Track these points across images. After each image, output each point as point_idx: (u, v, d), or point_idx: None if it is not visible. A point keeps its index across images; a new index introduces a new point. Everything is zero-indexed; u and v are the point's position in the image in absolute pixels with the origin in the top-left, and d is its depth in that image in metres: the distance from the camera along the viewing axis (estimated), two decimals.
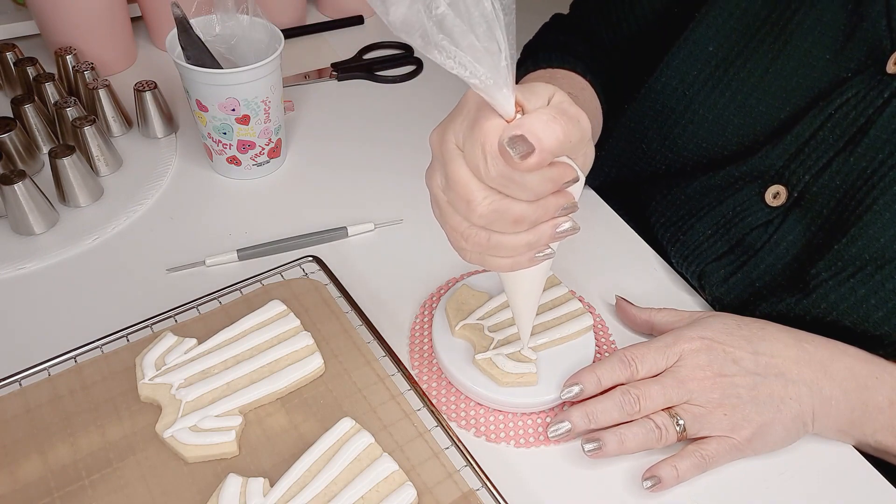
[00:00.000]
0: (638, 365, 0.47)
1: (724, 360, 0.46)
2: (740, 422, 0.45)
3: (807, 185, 0.51)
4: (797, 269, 0.52)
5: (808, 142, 0.51)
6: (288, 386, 0.46)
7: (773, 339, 0.48)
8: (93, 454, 0.43)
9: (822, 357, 0.47)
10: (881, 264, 0.46)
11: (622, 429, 0.45)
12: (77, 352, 0.48)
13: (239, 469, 0.42)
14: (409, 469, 0.43)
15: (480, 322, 0.51)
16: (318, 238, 0.61)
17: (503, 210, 0.36)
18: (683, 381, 0.46)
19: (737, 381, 0.46)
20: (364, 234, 0.62)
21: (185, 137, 0.72)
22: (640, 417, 0.45)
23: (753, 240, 0.54)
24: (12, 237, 0.60)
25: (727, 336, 0.47)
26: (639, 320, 0.54)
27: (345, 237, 0.62)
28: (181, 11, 0.60)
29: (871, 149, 0.48)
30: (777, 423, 0.45)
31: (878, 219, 0.47)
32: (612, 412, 0.45)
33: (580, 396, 0.47)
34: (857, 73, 0.49)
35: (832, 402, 0.46)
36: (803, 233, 0.52)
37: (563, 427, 0.46)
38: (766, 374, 0.46)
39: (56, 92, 0.70)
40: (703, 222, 0.57)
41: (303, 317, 0.50)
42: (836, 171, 0.50)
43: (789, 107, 0.53)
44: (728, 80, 0.55)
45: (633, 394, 0.45)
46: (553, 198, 0.37)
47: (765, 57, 0.53)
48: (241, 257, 0.59)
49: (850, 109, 0.49)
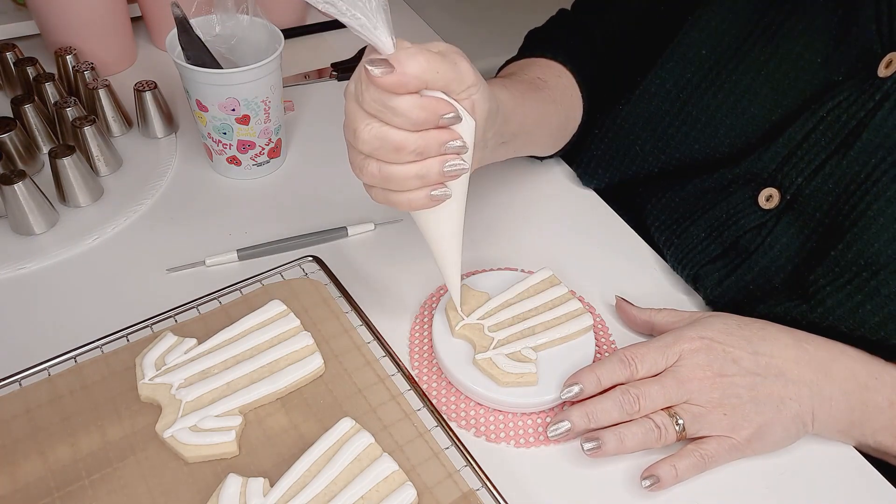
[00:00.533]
0: (637, 365, 0.47)
1: (724, 359, 0.46)
2: (740, 421, 0.45)
3: (799, 187, 0.51)
4: (791, 273, 0.52)
5: (800, 145, 0.51)
6: (288, 386, 0.46)
7: (773, 340, 0.48)
8: (93, 454, 0.43)
9: (823, 357, 0.47)
10: (876, 270, 0.46)
11: (621, 428, 0.45)
12: (77, 352, 0.48)
13: (239, 469, 0.42)
14: (409, 469, 0.43)
15: (480, 322, 0.51)
16: (318, 238, 0.61)
17: (383, 136, 0.40)
18: (683, 380, 0.46)
19: (736, 380, 0.46)
20: (364, 233, 0.62)
21: (185, 137, 0.72)
22: (640, 417, 0.46)
23: (747, 242, 0.54)
24: (12, 237, 0.60)
25: (727, 336, 0.47)
26: (639, 320, 0.54)
27: (345, 237, 0.62)
28: (181, 11, 0.60)
29: (863, 152, 0.48)
30: (776, 423, 0.45)
31: (872, 224, 0.47)
32: (611, 412, 0.45)
33: (580, 396, 0.47)
34: (849, 76, 0.50)
35: (832, 403, 0.46)
36: (797, 236, 0.52)
37: (562, 426, 0.46)
38: (765, 375, 0.46)
39: (56, 92, 0.70)
40: (697, 225, 0.57)
41: (303, 317, 0.50)
42: (828, 174, 0.50)
43: (781, 109, 0.53)
44: (720, 82, 0.55)
45: (632, 393, 0.46)
46: (436, 132, 0.40)
47: (756, 60, 0.54)
48: (241, 257, 0.59)
49: (841, 113, 0.49)
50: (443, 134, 0.41)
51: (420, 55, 0.38)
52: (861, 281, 0.47)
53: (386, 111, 0.39)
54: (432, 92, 0.40)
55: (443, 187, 0.42)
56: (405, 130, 0.40)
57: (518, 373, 0.48)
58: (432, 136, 0.40)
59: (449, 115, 0.40)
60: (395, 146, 0.40)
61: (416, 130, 0.40)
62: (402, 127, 0.40)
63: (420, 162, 0.41)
